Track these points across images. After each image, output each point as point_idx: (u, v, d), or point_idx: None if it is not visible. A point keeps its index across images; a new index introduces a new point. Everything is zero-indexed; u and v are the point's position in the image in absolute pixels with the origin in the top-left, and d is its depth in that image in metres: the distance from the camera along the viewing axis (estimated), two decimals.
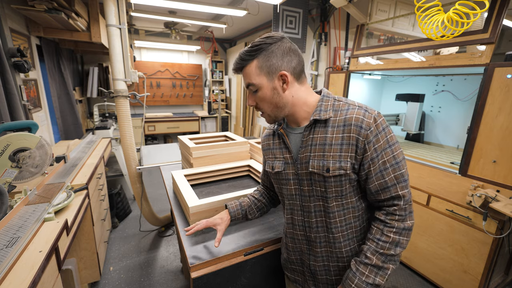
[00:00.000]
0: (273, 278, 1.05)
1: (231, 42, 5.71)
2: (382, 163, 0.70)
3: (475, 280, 1.63)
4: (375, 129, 0.69)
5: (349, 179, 0.72)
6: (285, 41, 0.73)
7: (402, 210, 0.70)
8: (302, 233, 0.83)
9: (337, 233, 0.77)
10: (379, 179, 0.70)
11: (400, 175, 0.70)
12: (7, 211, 1.09)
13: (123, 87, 2.01)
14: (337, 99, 0.76)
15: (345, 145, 0.70)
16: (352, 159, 0.71)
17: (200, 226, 0.95)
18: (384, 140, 0.69)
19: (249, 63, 0.73)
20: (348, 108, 0.72)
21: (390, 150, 0.70)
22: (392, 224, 0.70)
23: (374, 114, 0.70)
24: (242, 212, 0.99)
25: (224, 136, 1.93)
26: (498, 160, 1.46)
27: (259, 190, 1.05)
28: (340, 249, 0.78)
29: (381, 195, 0.72)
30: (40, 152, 1.34)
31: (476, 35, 1.55)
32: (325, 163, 0.72)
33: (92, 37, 2.57)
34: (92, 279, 1.81)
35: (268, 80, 0.73)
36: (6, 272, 0.84)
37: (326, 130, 0.73)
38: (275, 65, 0.72)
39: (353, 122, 0.69)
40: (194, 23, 3.60)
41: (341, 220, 0.76)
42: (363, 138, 0.69)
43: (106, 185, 2.42)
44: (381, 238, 0.71)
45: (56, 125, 2.83)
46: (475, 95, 1.79)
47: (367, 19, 2.31)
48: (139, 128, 4.69)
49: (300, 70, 0.75)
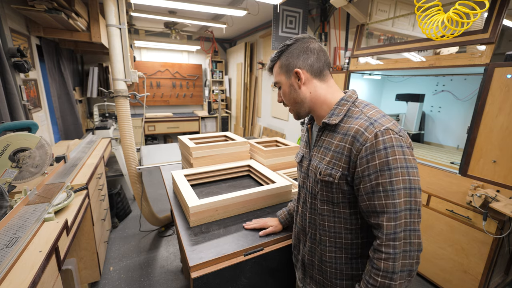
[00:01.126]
0: (273, 278, 1.05)
1: (231, 42, 5.71)
2: (375, 184, 0.63)
3: (475, 280, 1.63)
4: (373, 145, 0.63)
5: (340, 189, 0.71)
6: (305, 41, 0.76)
7: (389, 247, 0.62)
8: (301, 223, 0.90)
9: (324, 236, 0.79)
10: (369, 199, 0.65)
11: (391, 205, 0.62)
12: (7, 211, 1.09)
13: (123, 87, 2.01)
14: (356, 104, 0.73)
15: (340, 154, 0.70)
16: (344, 170, 0.69)
17: (259, 225, 1.07)
18: (382, 160, 0.62)
19: (276, 63, 0.81)
20: (357, 117, 0.69)
21: (388, 173, 0.62)
22: (378, 266, 0.64)
23: (378, 130, 0.63)
24: (291, 218, 1.07)
25: (224, 136, 1.93)
26: (498, 160, 1.46)
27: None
28: (324, 252, 0.80)
29: (371, 218, 0.67)
30: (40, 152, 1.34)
31: (476, 35, 1.55)
32: (320, 166, 0.75)
33: (92, 37, 2.57)
34: (92, 279, 1.81)
35: (286, 77, 0.78)
36: (6, 272, 0.84)
37: (333, 135, 0.73)
38: (291, 64, 0.76)
39: (352, 133, 0.67)
40: (194, 23, 3.60)
41: (330, 225, 0.77)
42: (356, 152, 0.65)
43: (106, 185, 2.42)
44: (369, 281, 0.66)
45: (56, 125, 2.83)
46: (475, 95, 1.79)
47: (367, 19, 2.31)
48: (139, 128, 4.69)
49: (320, 67, 0.76)
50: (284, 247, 1.03)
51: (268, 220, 1.09)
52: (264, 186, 1.27)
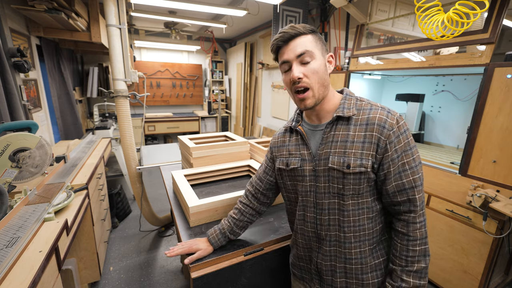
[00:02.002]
0: (273, 278, 1.05)
1: (231, 42, 5.71)
2: (401, 165, 0.70)
3: (475, 280, 1.63)
4: (397, 130, 0.70)
5: (367, 178, 0.72)
6: None
7: (421, 216, 0.71)
8: (313, 230, 0.82)
9: (349, 233, 0.76)
10: (397, 180, 0.71)
11: (418, 179, 0.71)
12: (7, 211, 1.09)
13: (123, 87, 2.01)
14: (359, 98, 0.78)
15: (367, 143, 0.71)
16: (373, 158, 0.71)
17: (183, 250, 0.93)
18: (405, 141, 0.70)
19: (305, 34, 0.73)
20: (371, 108, 0.74)
21: (410, 152, 0.71)
22: (415, 236, 0.71)
23: (396, 116, 0.71)
24: (225, 239, 0.96)
25: (224, 136, 1.93)
26: (498, 160, 1.46)
27: (239, 209, 0.99)
28: (349, 249, 0.77)
29: (398, 197, 0.72)
30: (40, 152, 1.34)
31: (476, 35, 1.55)
32: (345, 160, 0.72)
33: (92, 37, 2.57)
34: (92, 279, 1.81)
35: (322, 55, 0.75)
36: (6, 272, 0.84)
37: (349, 127, 0.74)
38: (325, 47, 0.77)
39: (376, 121, 0.71)
40: (194, 23, 3.60)
41: (354, 220, 0.76)
42: (385, 138, 0.70)
43: (106, 185, 2.42)
44: (409, 254, 0.71)
45: (56, 125, 2.83)
46: (475, 95, 1.79)
47: (367, 19, 2.31)
48: (139, 128, 4.69)
49: None
50: (284, 247, 1.03)
51: (196, 242, 0.95)
52: None
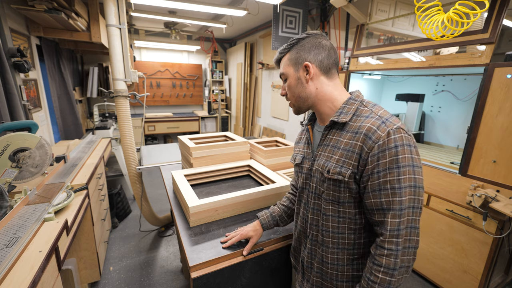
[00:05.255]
0: (273, 278, 1.05)
1: (231, 42, 5.71)
2: (383, 182, 0.64)
3: (475, 280, 1.63)
4: (385, 143, 0.64)
5: (348, 188, 0.71)
6: (318, 37, 0.77)
7: (392, 243, 0.64)
8: (302, 225, 0.88)
9: (327, 237, 0.78)
10: (375, 197, 0.66)
11: (398, 202, 0.63)
12: (7, 211, 1.09)
13: (123, 87, 2.01)
14: (364, 103, 0.74)
15: (351, 152, 0.69)
16: (354, 168, 0.68)
17: (235, 239, 0.97)
18: (392, 158, 0.63)
19: (284, 55, 0.81)
20: (367, 116, 0.70)
21: (397, 171, 0.63)
22: (380, 262, 0.65)
23: (390, 128, 0.64)
24: (274, 222, 1.02)
25: (224, 136, 1.93)
26: (498, 160, 1.46)
27: (288, 197, 1.05)
28: (326, 253, 0.79)
29: (375, 216, 0.68)
30: (40, 152, 1.34)
31: (476, 35, 1.55)
32: (328, 164, 0.74)
33: (92, 37, 2.57)
34: (92, 279, 1.81)
35: (295, 70, 0.78)
36: (6, 272, 0.84)
37: (341, 133, 0.73)
38: (301, 57, 0.76)
39: (364, 131, 0.67)
40: (194, 23, 3.60)
41: (333, 226, 0.76)
42: (368, 149, 0.66)
43: (106, 185, 2.42)
44: (371, 278, 0.67)
45: (56, 125, 2.83)
46: (475, 95, 1.79)
47: (367, 19, 2.31)
48: (139, 128, 4.69)
49: (329, 64, 0.77)
50: (284, 247, 1.03)
51: (246, 229, 0.99)
52: (264, 186, 1.27)
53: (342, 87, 0.80)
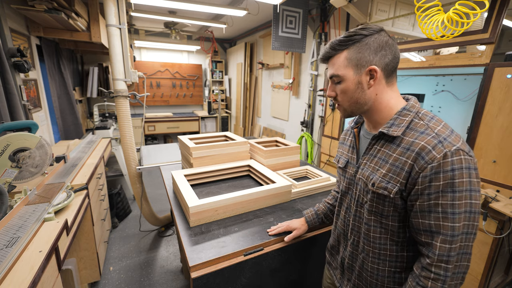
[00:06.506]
0: (273, 278, 1.05)
1: (231, 42, 5.71)
2: (434, 204, 0.60)
3: (475, 280, 1.63)
4: (440, 166, 0.58)
5: (394, 203, 0.67)
6: (383, 34, 0.67)
7: (441, 268, 0.60)
8: (343, 227, 0.88)
9: (368, 246, 0.76)
10: (424, 218, 0.62)
11: (449, 228, 0.59)
12: (7, 211, 1.09)
13: (123, 87, 2.01)
14: (420, 116, 0.67)
15: (400, 169, 0.64)
16: (401, 186, 0.64)
17: (282, 229, 1.03)
18: (447, 181, 0.58)
19: (339, 53, 0.69)
20: (423, 132, 0.63)
21: (451, 195, 0.58)
22: (425, 284, 0.62)
23: (448, 150, 0.58)
24: (319, 220, 1.04)
25: (224, 136, 1.93)
26: (498, 160, 1.46)
27: (333, 195, 1.05)
28: (366, 261, 0.77)
29: (422, 237, 0.64)
30: (40, 152, 1.34)
31: (476, 35, 1.55)
32: (374, 177, 0.69)
33: (92, 37, 2.57)
34: (92, 279, 1.81)
35: (355, 73, 0.68)
36: (6, 272, 0.84)
37: (391, 146, 0.67)
38: (366, 59, 0.66)
39: (417, 149, 0.61)
40: (194, 23, 3.60)
41: (375, 236, 0.73)
42: (419, 169, 0.60)
43: (106, 185, 2.42)
44: None
45: (56, 125, 2.83)
46: (475, 95, 1.79)
47: (367, 19, 2.31)
48: (139, 128, 4.69)
49: (393, 68, 0.69)
50: (284, 247, 1.03)
51: (292, 222, 1.05)
52: (264, 186, 1.27)
53: (399, 94, 0.72)
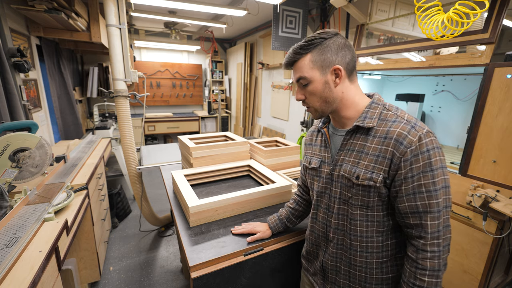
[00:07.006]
0: (273, 278, 1.05)
1: (231, 42, 5.71)
2: (417, 186, 0.65)
3: (475, 280, 1.62)
4: (417, 148, 0.64)
5: (378, 192, 0.70)
6: (340, 37, 0.73)
7: (434, 245, 0.65)
8: (322, 230, 0.86)
9: (355, 242, 0.77)
10: (410, 200, 0.66)
11: (435, 204, 0.65)
12: (7, 211, 1.09)
13: (123, 87, 2.01)
14: (387, 107, 0.73)
15: (381, 157, 0.68)
16: (385, 173, 0.68)
17: (246, 230, 1.04)
18: (425, 161, 0.64)
19: (303, 57, 0.73)
20: (394, 120, 0.69)
21: (431, 174, 0.64)
22: (424, 265, 0.66)
23: (421, 133, 0.65)
24: (282, 225, 1.05)
25: (224, 136, 1.93)
26: (498, 160, 1.46)
27: (294, 199, 1.07)
28: (354, 256, 0.78)
29: (410, 219, 0.68)
30: (40, 152, 1.34)
31: (476, 35, 1.55)
32: (356, 170, 0.72)
33: (92, 37, 2.57)
34: (92, 279, 1.81)
35: (321, 74, 0.72)
36: (6, 272, 0.84)
37: (367, 138, 0.71)
38: (329, 59, 0.71)
39: (394, 136, 0.66)
40: (194, 23, 3.60)
41: (362, 230, 0.75)
42: (400, 154, 0.65)
43: (106, 185, 2.42)
44: (416, 283, 0.67)
45: (56, 125, 2.83)
46: (475, 95, 1.79)
47: (367, 19, 2.31)
48: (139, 128, 4.69)
49: (353, 67, 0.74)
50: (284, 247, 1.03)
51: (257, 225, 1.06)
52: (264, 186, 1.27)
53: (361, 91, 0.78)
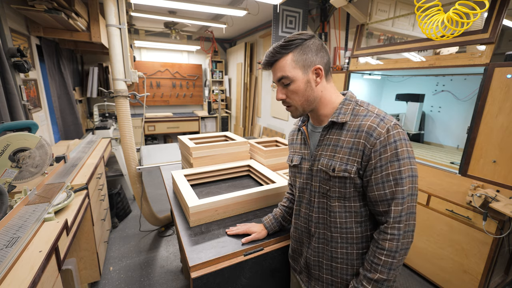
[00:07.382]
0: (273, 278, 1.05)
1: (231, 42, 5.71)
2: (385, 175, 0.69)
3: (475, 280, 1.63)
4: (385, 139, 0.69)
5: (353, 183, 0.74)
6: (317, 39, 0.77)
7: (395, 229, 0.69)
8: (305, 225, 0.88)
9: (336, 233, 0.80)
10: (379, 189, 0.71)
11: (400, 191, 0.69)
12: (7, 211, 1.09)
13: (123, 87, 2.01)
14: (359, 103, 0.78)
15: (354, 149, 0.72)
16: (358, 164, 0.72)
17: (241, 230, 1.04)
18: (393, 152, 0.69)
19: (284, 56, 0.75)
20: (365, 115, 0.73)
21: (397, 163, 0.69)
22: (383, 246, 0.71)
23: (389, 125, 0.69)
24: (277, 224, 1.06)
25: (224, 136, 1.93)
26: (498, 160, 1.46)
27: (287, 197, 1.08)
28: (335, 249, 0.81)
29: (380, 207, 0.72)
30: (40, 152, 1.34)
31: (476, 35, 1.55)
32: (332, 163, 0.76)
33: (92, 37, 2.57)
34: (92, 279, 1.81)
35: (303, 73, 0.75)
36: (6, 272, 0.84)
37: (341, 132, 0.76)
38: (310, 59, 0.75)
39: (365, 129, 0.71)
40: (194, 23, 3.60)
41: (341, 222, 0.78)
42: (370, 146, 0.70)
43: (106, 185, 2.42)
44: (374, 260, 0.72)
45: (56, 125, 2.83)
46: (475, 95, 1.79)
47: (367, 19, 2.31)
48: (139, 128, 4.69)
49: (329, 67, 0.79)
50: (284, 247, 1.03)
51: (252, 225, 1.06)
52: (264, 186, 1.27)
53: (335, 88, 0.83)
